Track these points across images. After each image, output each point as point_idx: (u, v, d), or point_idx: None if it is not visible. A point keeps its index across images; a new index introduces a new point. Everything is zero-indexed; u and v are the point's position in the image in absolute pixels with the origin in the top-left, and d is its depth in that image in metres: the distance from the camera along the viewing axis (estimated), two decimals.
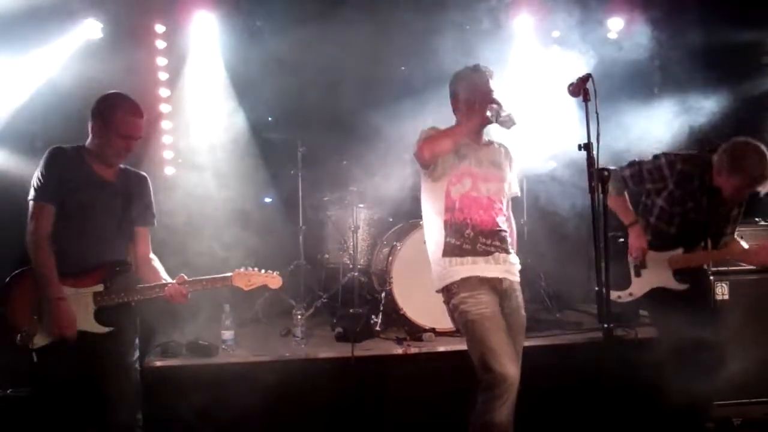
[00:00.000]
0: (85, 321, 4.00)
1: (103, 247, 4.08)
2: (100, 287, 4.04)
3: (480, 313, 3.99)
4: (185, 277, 4.17)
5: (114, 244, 4.14)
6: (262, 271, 4.29)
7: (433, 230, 4.25)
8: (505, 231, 4.25)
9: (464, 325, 4.05)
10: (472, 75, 4.27)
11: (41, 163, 4.01)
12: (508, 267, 4.21)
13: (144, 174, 4.34)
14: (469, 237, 4.11)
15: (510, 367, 3.84)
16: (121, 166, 4.24)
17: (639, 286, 4.89)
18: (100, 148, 4.08)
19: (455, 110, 4.36)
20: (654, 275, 4.83)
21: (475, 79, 4.24)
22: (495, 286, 4.13)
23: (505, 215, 4.31)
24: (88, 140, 4.12)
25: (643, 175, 4.83)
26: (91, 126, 4.10)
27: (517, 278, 4.26)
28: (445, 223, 4.15)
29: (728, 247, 4.88)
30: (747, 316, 5.50)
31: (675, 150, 5.08)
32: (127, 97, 4.14)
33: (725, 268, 5.51)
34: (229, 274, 4.24)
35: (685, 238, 4.82)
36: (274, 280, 4.34)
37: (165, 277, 4.24)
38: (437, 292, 4.26)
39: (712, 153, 4.78)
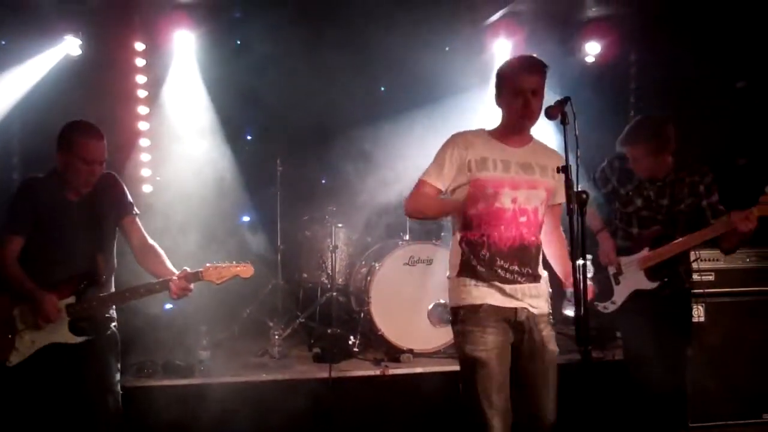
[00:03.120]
0: (60, 333, 4.00)
1: (73, 263, 4.09)
2: (71, 299, 4.04)
3: (479, 354, 3.65)
4: (188, 270, 4.12)
5: (85, 256, 4.12)
6: (233, 262, 4.21)
7: (452, 245, 3.90)
8: (535, 249, 3.82)
9: (460, 358, 3.76)
10: (515, 68, 3.78)
11: (15, 193, 4.08)
12: (530, 295, 3.78)
13: (107, 172, 4.29)
14: (485, 258, 3.72)
15: (495, 420, 3.59)
16: None
17: (620, 293, 4.85)
18: (67, 176, 4.09)
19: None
20: (630, 280, 4.80)
21: (518, 73, 3.74)
22: (509, 317, 3.74)
23: (540, 228, 3.85)
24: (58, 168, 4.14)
25: (596, 183, 4.90)
26: (57, 156, 4.11)
27: (542, 309, 3.83)
28: (461, 239, 3.80)
29: (706, 228, 4.64)
30: (723, 338, 5.52)
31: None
32: (86, 122, 4.14)
33: (701, 291, 5.54)
34: (199, 269, 4.14)
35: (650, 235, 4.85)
36: (245, 269, 4.21)
37: (169, 265, 4.20)
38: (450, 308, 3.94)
39: None
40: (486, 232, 3.72)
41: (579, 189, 3.19)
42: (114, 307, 4.26)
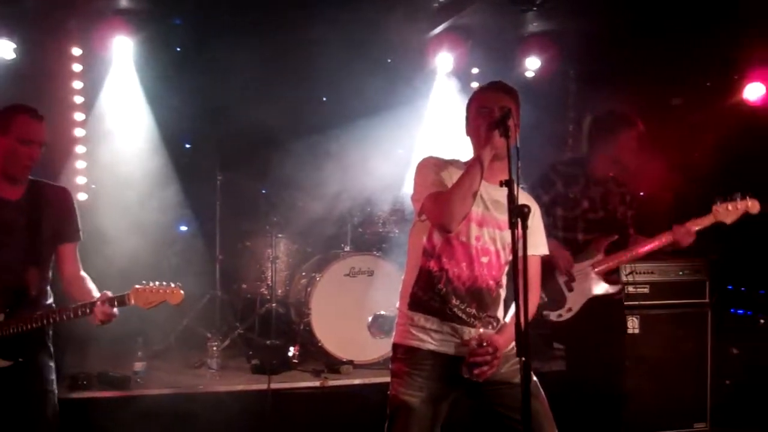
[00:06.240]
0: None
1: (4, 274, 3.82)
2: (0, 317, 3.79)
3: (405, 399, 3.43)
4: (109, 294, 3.83)
5: (17, 268, 3.85)
6: (163, 283, 3.90)
7: (408, 273, 3.60)
8: (496, 294, 3.57)
9: (388, 398, 3.53)
10: (481, 94, 3.61)
11: None
12: None
13: (62, 186, 4.08)
14: (440, 293, 3.46)
15: None
16: (32, 178, 3.97)
17: (575, 300, 4.87)
18: (4, 164, 3.83)
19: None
20: (585, 286, 4.84)
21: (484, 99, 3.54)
22: (452, 365, 3.45)
23: (502, 272, 3.58)
24: None
25: (537, 191, 4.91)
26: None
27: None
28: (421, 269, 3.51)
29: (648, 243, 4.80)
30: (657, 349, 5.63)
31: None
32: (23, 105, 3.91)
33: (636, 303, 5.64)
34: (125, 292, 3.84)
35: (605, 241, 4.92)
36: (174, 295, 3.88)
37: (96, 293, 3.90)
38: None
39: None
40: (446, 266, 3.46)
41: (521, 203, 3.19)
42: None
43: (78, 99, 7.03)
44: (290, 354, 6.11)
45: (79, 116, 7.02)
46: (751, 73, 6.27)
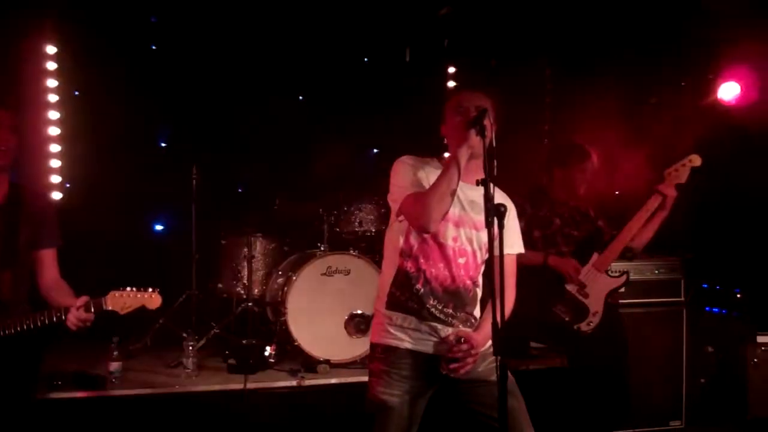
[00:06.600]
0: None
1: None
2: None
3: (384, 399, 3.43)
4: (87, 298, 3.77)
5: None
6: (141, 288, 3.87)
7: (385, 273, 3.60)
8: (473, 293, 3.58)
9: (367, 398, 3.54)
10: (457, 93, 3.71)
11: None
12: None
13: (43, 192, 4.09)
14: (417, 294, 3.45)
15: None
16: (14, 183, 3.94)
17: (596, 303, 4.97)
18: None
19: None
20: (597, 286, 4.96)
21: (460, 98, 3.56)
22: (430, 364, 3.46)
23: (479, 272, 3.59)
24: None
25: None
26: None
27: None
28: (398, 269, 3.50)
29: (637, 213, 4.92)
30: (633, 348, 5.65)
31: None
32: None
33: (615, 303, 5.66)
34: (101, 297, 3.79)
35: (580, 251, 5.07)
36: (152, 300, 3.87)
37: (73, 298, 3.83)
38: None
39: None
40: (423, 266, 3.46)
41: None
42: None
43: (52, 97, 6.96)
44: (267, 353, 6.08)
45: (53, 114, 6.95)
46: (725, 73, 6.31)
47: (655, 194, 4.80)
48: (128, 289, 3.83)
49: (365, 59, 7.73)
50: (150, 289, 3.88)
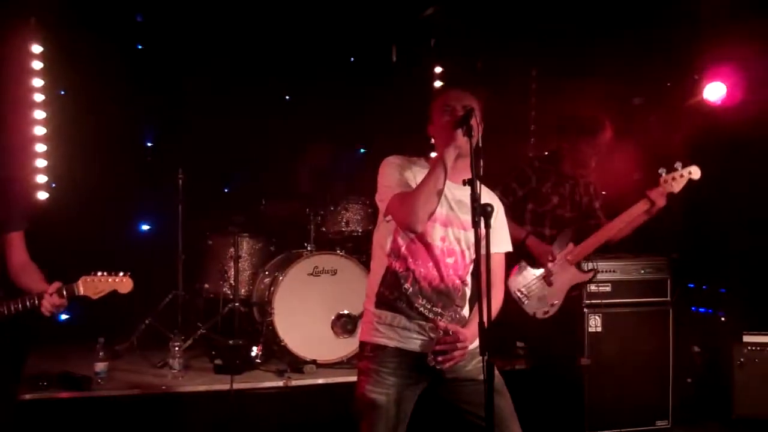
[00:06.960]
0: None
1: None
2: None
3: (373, 397, 3.43)
4: (60, 284, 3.78)
5: None
6: (112, 273, 3.88)
7: (374, 272, 3.59)
8: (462, 292, 3.58)
9: (355, 396, 3.53)
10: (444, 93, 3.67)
11: None
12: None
13: (8, 174, 4.02)
14: (406, 293, 3.45)
15: None
16: None
17: (557, 294, 4.99)
18: None
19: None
20: (563, 277, 4.98)
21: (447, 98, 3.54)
22: (418, 362, 3.45)
23: (467, 272, 3.59)
24: None
25: (512, 186, 5.03)
26: None
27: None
28: (387, 269, 3.50)
29: (622, 214, 4.98)
30: (619, 348, 5.66)
31: None
32: None
33: (598, 301, 5.66)
34: (73, 283, 3.80)
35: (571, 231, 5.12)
36: (123, 284, 3.89)
37: (44, 282, 3.81)
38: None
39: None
40: (411, 266, 3.46)
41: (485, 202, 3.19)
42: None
43: (38, 97, 6.92)
44: (253, 354, 6.07)
45: (39, 114, 6.90)
46: (710, 73, 6.33)
47: (644, 199, 4.80)
48: (99, 273, 3.85)
49: (351, 59, 7.73)
50: (121, 273, 3.90)
